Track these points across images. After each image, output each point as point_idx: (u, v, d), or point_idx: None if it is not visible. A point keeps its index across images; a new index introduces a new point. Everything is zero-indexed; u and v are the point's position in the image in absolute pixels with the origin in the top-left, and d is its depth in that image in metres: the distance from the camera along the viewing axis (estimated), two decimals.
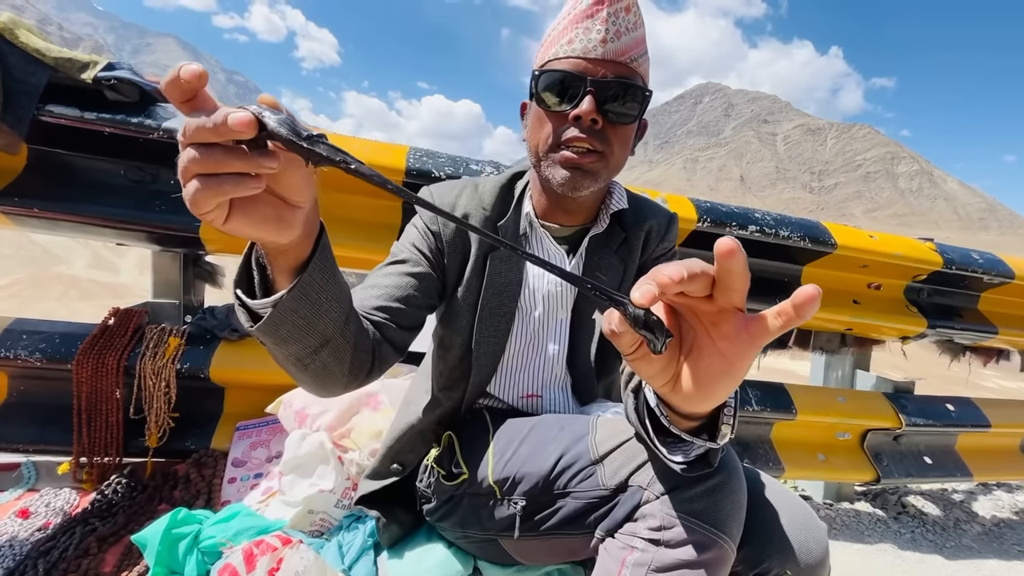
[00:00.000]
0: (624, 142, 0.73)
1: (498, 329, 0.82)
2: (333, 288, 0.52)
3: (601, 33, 0.68)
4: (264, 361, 1.38)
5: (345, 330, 0.57)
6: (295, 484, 1.03)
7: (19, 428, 1.26)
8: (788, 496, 0.67)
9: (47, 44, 1.13)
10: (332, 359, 0.57)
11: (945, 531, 2.05)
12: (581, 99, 0.68)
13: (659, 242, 0.88)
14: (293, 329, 0.50)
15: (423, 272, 0.78)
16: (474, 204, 0.82)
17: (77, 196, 1.24)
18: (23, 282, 20.56)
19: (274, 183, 0.40)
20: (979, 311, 2.07)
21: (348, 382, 0.63)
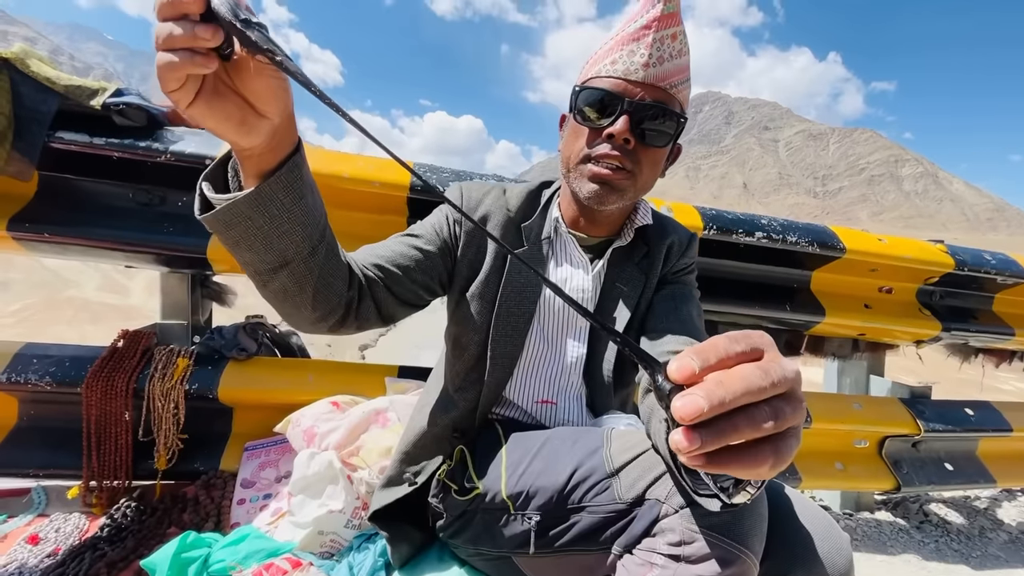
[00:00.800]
0: (654, 164, 0.75)
1: (516, 329, 0.82)
2: (299, 212, 0.53)
3: (644, 57, 0.70)
4: (272, 380, 1.38)
5: (310, 260, 0.58)
6: (304, 505, 1.02)
7: (29, 453, 1.26)
8: (809, 507, 0.66)
9: (57, 73, 1.15)
10: (292, 284, 0.58)
11: (971, 540, 2.00)
12: (617, 118, 0.71)
13: (679, 258, 0.89)
14: (246, 235, 0.52)
15: (432, 252, 0.80)
16: (498, 205, 0.84)
17: (87, 220, 1.25)
18: (35, 306, 20.79)
19: (242, 86, 0.44)
20: (994, 312, 2.04)
21: (316, 319, 0.65)
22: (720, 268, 1.67)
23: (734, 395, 0.31)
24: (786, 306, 1.71)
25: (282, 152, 0.50)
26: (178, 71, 0.39)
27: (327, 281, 0.62)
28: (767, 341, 0.35)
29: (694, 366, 0.32)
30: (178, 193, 1.32)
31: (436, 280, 0.81)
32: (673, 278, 0.88)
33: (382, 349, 24.48)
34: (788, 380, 0.33)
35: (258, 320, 1.50)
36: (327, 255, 0.61)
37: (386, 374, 1.44)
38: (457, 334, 0.86)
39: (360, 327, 0.72)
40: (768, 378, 0.32)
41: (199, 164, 1.24)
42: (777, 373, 0.32)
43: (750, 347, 0.34)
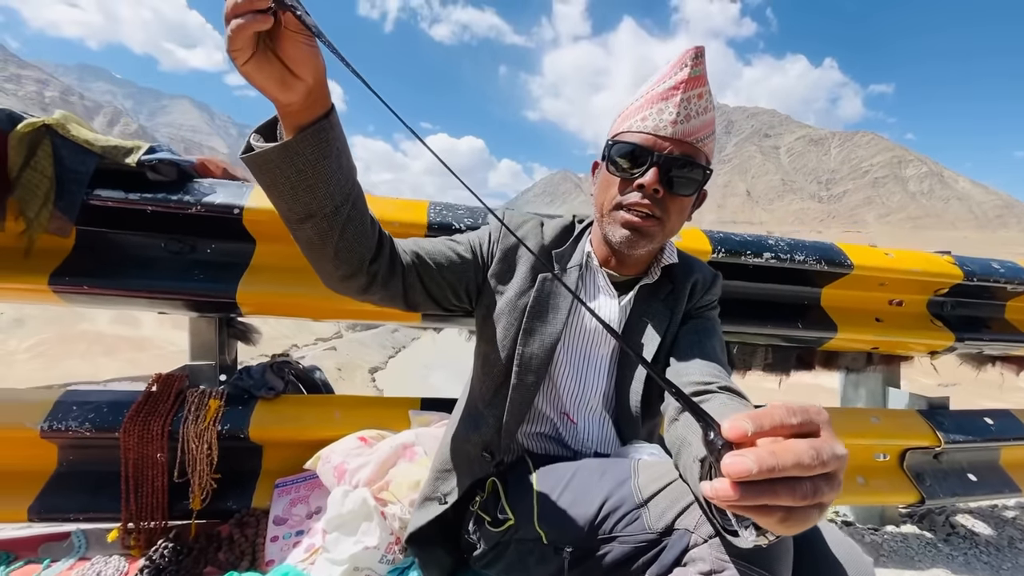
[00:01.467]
0: (681, 211, 0.81)
1: (542, 347, 0.87)
2: (323, 169, 0.61)
3: (672, 115, 0.76)
4: (300, 417, 1.42)
5: (333, 218, 0.65)
6: (340, 542, 1.05)
7: (69, 497, 1.30)
8: (833, 533, 0.68)
9: (95, 135, 1.23)
10: (315, 237, 0.66)
11: (1000, 551, 1.97)
12: (647, 170, 0.77)
13: (703, 295, 0.94)
14: (276, 182, 0.61)
15: (467, 259, 0.87)
16: (535, 232, 0.92)
17: (122, 272, 1.31)
18: (49, 341, 21.06)
19: (282, 53, 0.53)
20: (1007, 320, 2.05)
21: (339, 277, 0.72)
22: (731, 289, 1.70)
23: (783, 467, 0.35)
24: (798, 323, 1.74)
25: (315, 112, 0.59)
26: (245, 30, 0.49)
27: (350, 244, 0.68)
28: (823, 419, 0.39)
29: (747, 429, 0.36)
30: (207, 241, 1.39)
31: (463, 286, 0.87)
32: (697, 313, 0.93)
33: (392, 371, 24.20)
34: (835, 463, 0.36)
35: (284, 359, 1.55)
36: (351, 219, 0.67)
37: (409, 407, 1.47)
38: (486, 351, 0.91)
39: (384, 300, 0.79)
40: (818, 459, 0.36)
41: (227, 213, 1.31)
42: (827, 455, 0.36)
43: (805, 421, 0.38)
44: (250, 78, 0.54)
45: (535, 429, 0.94)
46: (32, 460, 1.31)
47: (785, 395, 1.94)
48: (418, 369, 19.01)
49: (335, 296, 1.42)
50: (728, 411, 0.67)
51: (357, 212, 0.68)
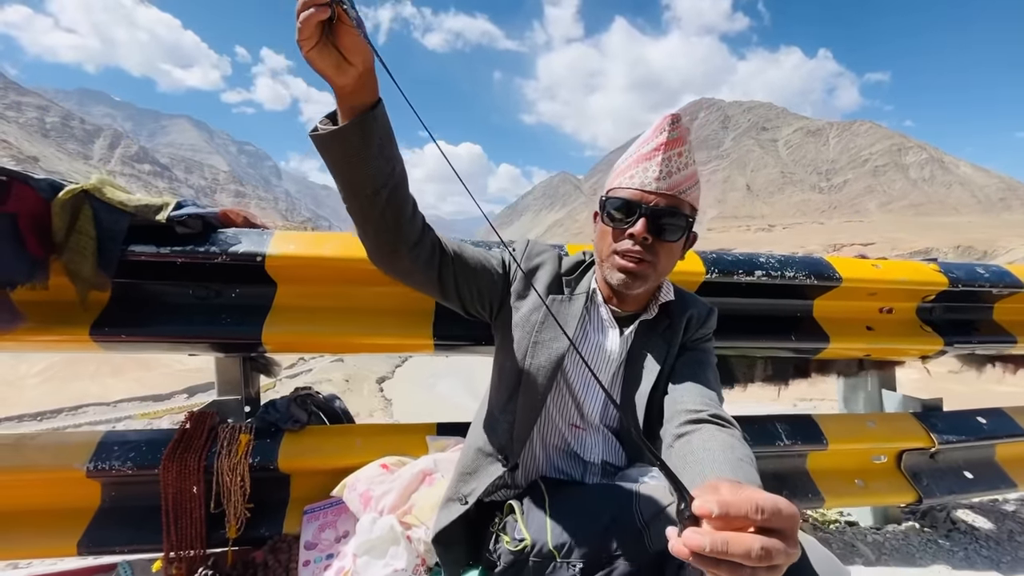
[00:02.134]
0: (670, 254, 0.93)
1: (549, 360, 0.96)
2: (367, 154, 0.74)
3: (656, 173, 0.87)
4: (325, 447, 1.51)
5: (374, 199, 0.78)
6: (370, 566, 1.14)
7: (114, 531, 1.39)
8: (818, 551, 0.76)
9: (128, 196, 1.33)
10: (357, 215, 0.80)
11: (1000, 545, 2.04)
12: (636, 220, 0.88)
13: (698, 329, 1.04)
14: (332, 162, 0.75)
15: (498, 273, 1.01)
16: (552, 259, 1.06)
17: (155, 319, 1.41)
18: (58, 364, 21.24)
19: (339, 43, 0.65)
20: (995, 321, 2.12)
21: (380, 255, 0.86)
22: (726, 306, 1.78)
23: (730, 555, 0.44)
24: (791, 336, 1.82)
25: (364, 98, 0.72)
26: (311, 20, 0.62)
27: (389, 226, 0.82)
28: (791, 525, 0.47)
29: (713, 512, 0.45)
30: (232, 286, 1.48)
31: (488, 296, 1.00)
32: (692, 345, 1.03)
33: (399, 380, 24.13)
34: (783, 559, 0.45)
35: (307, 392, 1.64)
36: (389, 203, 0.79)
37: (426, 433, 1.56)
38: (502, 362, 1.02)
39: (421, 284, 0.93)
40: (766, 558, 0.44)
41: (251, 261, 1.41)
42: (777, 556, 0.45)
43: (772, 516, 0.46)
44: (313, 63, 0.66)
45: (548, 438, 1.04)
46: (79, 498, 1.41)
47: (785, 402, 2.00)
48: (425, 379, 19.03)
49: (352, 332, 1.52)
50: (713, 446, 0.76)
51: (396, 199, 0.80)
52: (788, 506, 0.47)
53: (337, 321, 1.51)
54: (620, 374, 1.01)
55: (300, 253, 1.44)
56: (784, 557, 0.45)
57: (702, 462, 0.75)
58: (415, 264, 0.88)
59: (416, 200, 0.86)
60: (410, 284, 0.94)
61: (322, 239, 1.48)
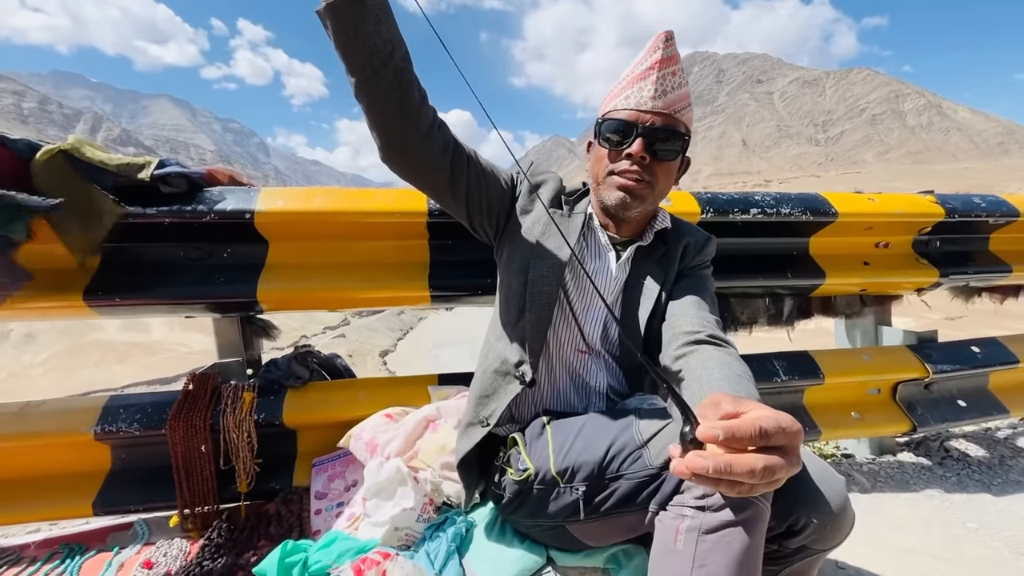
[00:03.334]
0: (667, 175, 0.93)
1: (552, 271, 0.97)
2: (363, 31, 0.74)
3: (651, 91, 0.87)
4: (329, 401, 1.53)
5: (374, 79, 0.77)
6: (380, 507, 1.17)
7: (128, 491, 1.42)
8: (808, 456, 0.78)
9: (108, 155, 1.30)
10: (362, 95, 0.79)
11: (991, 469, 2.10)
12: (633, 140, 0.88)
13: (695, 256, 1.04)
14: (333, 36, 0.75)
15: (506, 185, 1.02)
16: (555, 180, 1.06)
17: (149, 282, 1.40)
18: (62, 353, 21.33)
19: None
20: (991, 252, 2.12)
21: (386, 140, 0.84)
22: (722, 245, 1.76)
23: (734, 475, 0.45)
24: (787, 273, 1.82)
25: None
26: None
27: (388, 115, 0.81)
28: (793, 442, 0.48)
29: (718, 437, 0.46)
30: (223, 246, 1.47)
31: (496, 208, 1.01)
32: (690, 272, 1.03)
33: (402, 353, 24.30)
34: (783, 472, 0.47)
35: (307, 349, 1.65)
36: (393, 89, 0.79)
37: (428, 383, 1.58)
38: (508, 280, 1.02)
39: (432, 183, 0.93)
40: (767, 476, 0.46)
41: (239, 219, 1.39)
42: (779, 472, 0.46)
43: (774, 440, 0.47)
44: None
45: (555, 363, 1.04)
46: (90, 461, 1.43)
47: (791, 343, 2.01)
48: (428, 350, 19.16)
49: (347, 287, 1.52)
50: (712, 364, 0.77)
51: (401, 82, 0.80)
52: (791, 423, 0.48)
53: (332, 276, 1.50)
54: (619, 299, 1.01)
55: (289, 208, 1.42)
56: (786, 472, 0.47)
57: (700, 380, 0.76)
58: (425, 157, 0.87)
59: (427, 92, 0.85)
60: (420, 183, 0.93)
61: (311, 193, 1.46)
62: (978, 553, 1.54)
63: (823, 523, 0.72)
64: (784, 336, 2.20)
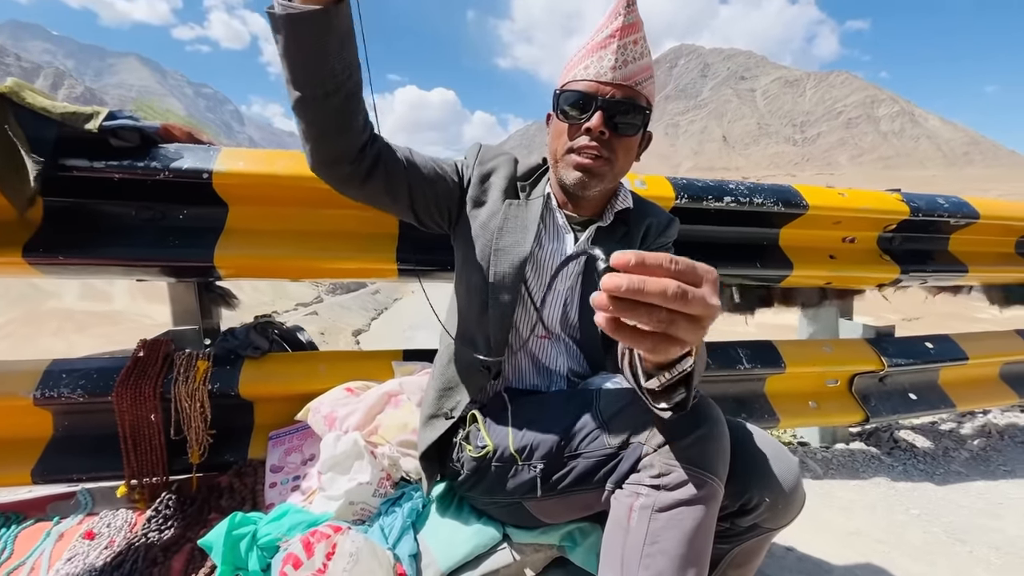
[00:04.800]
0: (628, 151, 0.88)
1: (512, 264, 0.93)
2: (319, 51, 0.69)
3: (612, 61, 0.81)
4: (288, 373, 1.48)
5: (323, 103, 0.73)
6: (335, 480, 1.14)
7: (71, 460, 1.36)
8: (764, 438, 0.79)
9: (52, 102, 1.20)
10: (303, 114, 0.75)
11: (935, 460, 2.20)
12: (592, 114, 0.83)
13: (657, 237, 1.01)
14: (283, 46, 0.69)
15: (452, 179, 0.96)
16: (507, 164, 1.00)
17: (96, 241, 1.32)
18: (18, 320, 20.35)
19: None
20: (950, 252, 2.19)
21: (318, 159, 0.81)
22: (694, 233, 1.78)
23: (647, 292, 0.43)
24: (757, 263, 1.84)
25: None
26: None
27: (326, 136, 0.77)
28: (711, 278, 0.47)
29: (631, 260, 0.45)
30: (179, 207, 1.39)
31: (444, 203, 0.96)
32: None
33: (375, 333, 24.12)
34: (701, 308, 0.45)
35: (267, 319, 1.59)
36: (338, 113, 0.75)
37: (392, 359, 1.55)
38: (467, 275, 0.98)
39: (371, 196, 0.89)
40: (681, 297, 0.44)
41: (196, 178, 1.31)
42: (694, 298, 0.44)
43: (688, 271, 0.45)
44: None
45: (516, 349, 1.01)
46: (29, 427, 1.36)
47: (753, 333, 2.06)
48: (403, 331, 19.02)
49: (311, 256, 1.46)
50: None
51: (348, 107, 0.76)
52: (705, 266, 0.47)
53: (295, 244, 1.44)
54: (579, 281, 0.98)
55: (251, 171, 1.35)
56: (702, 306, 0.45)
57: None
58: (358, 171, 0.83)
59: (368, 111, 0.80)
60: (355, 195, 0.89)
61: (274, 156, 1.39)
62: (919, 538, 1.61)
63: (775, 502, 0.73)
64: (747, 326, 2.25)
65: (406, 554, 0.99)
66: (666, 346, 0.47)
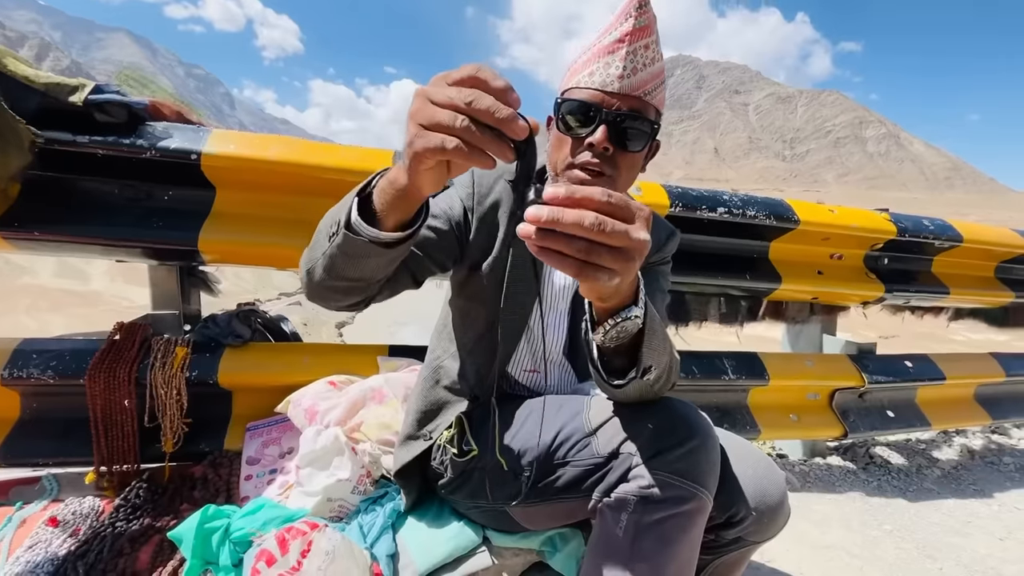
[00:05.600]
0: (632, 166, 0.82)
1: (522, 307, 0.91)
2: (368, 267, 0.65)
3: (619, 69, 0.75)
4: (269, 364, 1.45)
5: (347, 295, 0.72)
6: (313, 476, 1.11)
7: (37, 443, 1.31)
8: (752, 451, 0.79)
9: (35, 71, 1.16)
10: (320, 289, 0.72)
11: (909, 477, 2.24)
12: (596, 128, 0.76)
13: (656, 251, 0.98)
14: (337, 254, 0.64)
15: (446, 231, 0.88)
16: (507, 192, 0.92)
17: (75, 218, 1.28)
18: None
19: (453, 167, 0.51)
20: (933, 273, 2.23)
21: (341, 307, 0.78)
22: (687, 242, 1.78)
23: (565, 221, 0.43)
24: (746, 275, 1.85)
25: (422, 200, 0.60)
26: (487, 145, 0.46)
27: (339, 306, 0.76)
28: (643, 215, 0.47)
29: (560, 193, 0.44)
30: (164, 188, 1.35)
31: (450, 258, 0.90)
32: (647, 267, 0.98)
33: (359, 328, 24.06)
34: (622, 240, 0.45)
35: (250, 307, 1.56)
36: (356, 300, 0.74)
37: (377, 354, 1.52)
38: (465, 307, 0.95)
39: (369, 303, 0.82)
40: (600, 227, 0.44)
41: (184, 159, 1.28)
42: (614, 229, 0.44)
43: (620, 205, 0.45)
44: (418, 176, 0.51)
45: (507, 382, 1.00)
46: None
47: (737, 344, 2.07)
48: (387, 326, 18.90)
49: (298, 245, 1.42)
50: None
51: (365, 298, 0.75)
52: (640, 204, 0.47)
53: (283, 232, 1.41)
54: (570, 307, 0.96)
55: (242, 154, 1.31)
56: (623, 238, 0.45)
57: None
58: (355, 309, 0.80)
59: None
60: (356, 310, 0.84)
61: (267, 141, 1.36)
62: (891, 554, 1.63)
63: (761, 516, 0.73)
64: (730, 337, 2.26)
65: (384, 554, 0.97)
66: (591, 272, 0.46)
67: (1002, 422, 2.42)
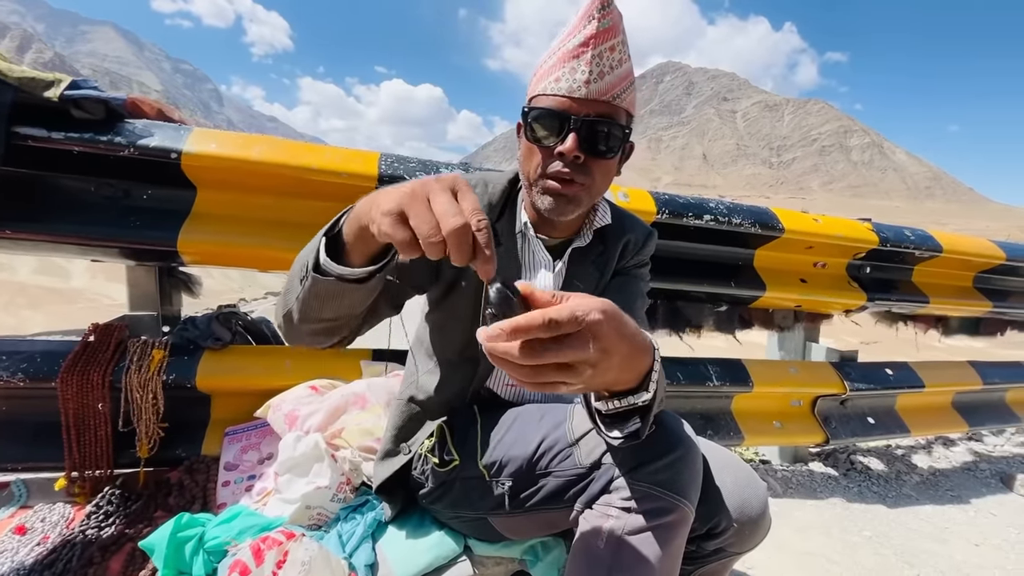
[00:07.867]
0: (606, 173, 0.80)
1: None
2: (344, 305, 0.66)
3: (585, 74, 0.72)
4: (250, 367, 1.42)
5: (326, 335, 0.73)
6: (292, 483, 1.09)
7: (5, 447, 1.27)
8: (734, 462, 0.78)
9: (9, 64, 1.12)
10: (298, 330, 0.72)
11: (888, 483, 2.27)
12: (565, 136, 0.74)
13: (634, 255, 0.97)
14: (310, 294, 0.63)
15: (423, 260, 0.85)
16: (484, 203, 0.88)
17: (49, 216, 1.24)
18: None
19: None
20: (913, 283, 2.27)
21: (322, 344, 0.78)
22: (672, 248, 1.80)
23: (495, 359, 0.47)
24: (731, 282, 1.86)
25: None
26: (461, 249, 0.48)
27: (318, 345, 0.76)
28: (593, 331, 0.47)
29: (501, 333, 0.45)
30: (143, 186, 1.32)
31: (428, 280, 0.88)
32: (624, 271, 0.97)
33: None
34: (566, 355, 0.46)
35: (231, 309, 1.53)
36: (335, 341, 0.75)
37: (361, 358, 1.50)
38: (441, 322, 0.93)
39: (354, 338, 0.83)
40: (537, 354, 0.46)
41: (164, 158, 1.25)
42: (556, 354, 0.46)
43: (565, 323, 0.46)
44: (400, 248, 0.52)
45: (488, 395, 0.99)
46: None
47: (721, 349, 2.08)
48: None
49: (283, 247, 1.41)
50: None
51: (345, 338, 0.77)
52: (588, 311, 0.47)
53: (265, 234, 1.39)
54: None
55: (224, 154, 1.29)
56: (569, 356, 0.47)
57: None
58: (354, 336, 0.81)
59: None
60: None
61: (250, 141, 1.34)
62: (871, 560, 1.65)
63: (742, 528, 0.73)
64: (716, 344, 2.28)
65: (363, 564, 0.95)
66: (546, 387, 0.49)
67: (979, 429, 2.46)
